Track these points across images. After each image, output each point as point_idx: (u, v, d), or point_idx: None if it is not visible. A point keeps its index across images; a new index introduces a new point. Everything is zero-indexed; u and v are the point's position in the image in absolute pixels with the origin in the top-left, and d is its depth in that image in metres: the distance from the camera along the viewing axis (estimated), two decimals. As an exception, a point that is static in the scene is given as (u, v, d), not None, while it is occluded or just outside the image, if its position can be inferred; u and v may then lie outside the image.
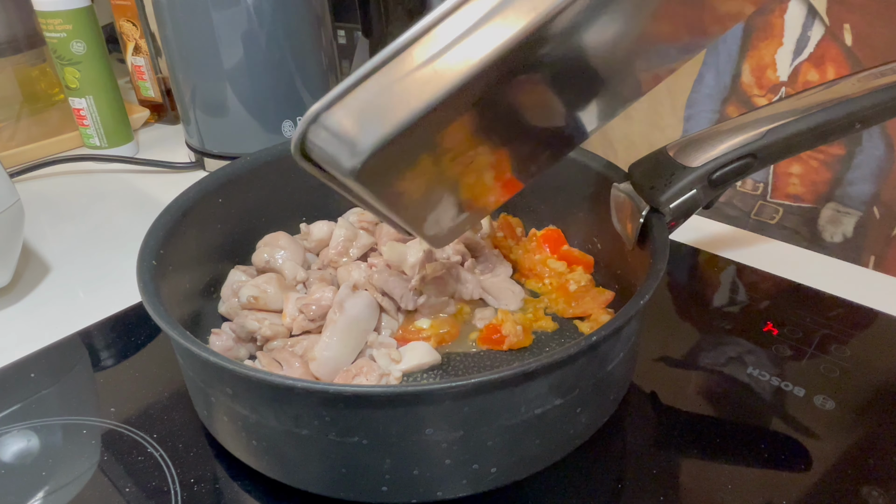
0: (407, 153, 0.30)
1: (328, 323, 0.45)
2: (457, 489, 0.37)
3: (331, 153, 0.30)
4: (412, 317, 0.49)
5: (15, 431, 0.43)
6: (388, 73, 0.29)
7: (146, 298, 0.38)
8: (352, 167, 0.29)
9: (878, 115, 0.41)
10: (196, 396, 0.41)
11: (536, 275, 0.53)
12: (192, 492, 0.39)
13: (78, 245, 0.65)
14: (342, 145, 0.29)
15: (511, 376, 0.32)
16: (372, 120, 0.29)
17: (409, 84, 0.28)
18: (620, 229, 0.46)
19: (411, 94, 0.28)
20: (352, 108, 0.29)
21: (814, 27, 0.56)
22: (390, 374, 0.44)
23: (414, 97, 0.28)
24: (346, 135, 0.29)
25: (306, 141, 0.31)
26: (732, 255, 0.59)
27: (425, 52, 0.28)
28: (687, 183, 0.42)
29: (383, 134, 0.28)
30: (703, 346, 0.49)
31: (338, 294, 0.45)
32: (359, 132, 0.29)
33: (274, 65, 0.70)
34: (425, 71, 0.28)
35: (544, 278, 0.53)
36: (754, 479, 0.39)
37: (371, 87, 0.29)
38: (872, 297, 0.52)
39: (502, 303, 0.51)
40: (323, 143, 0.30)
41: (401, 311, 0.49)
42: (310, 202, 0.58)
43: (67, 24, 0.74)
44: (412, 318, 0.49)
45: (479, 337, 0.48)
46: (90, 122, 0.80)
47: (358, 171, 0.29)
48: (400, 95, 0.28)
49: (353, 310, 0.45)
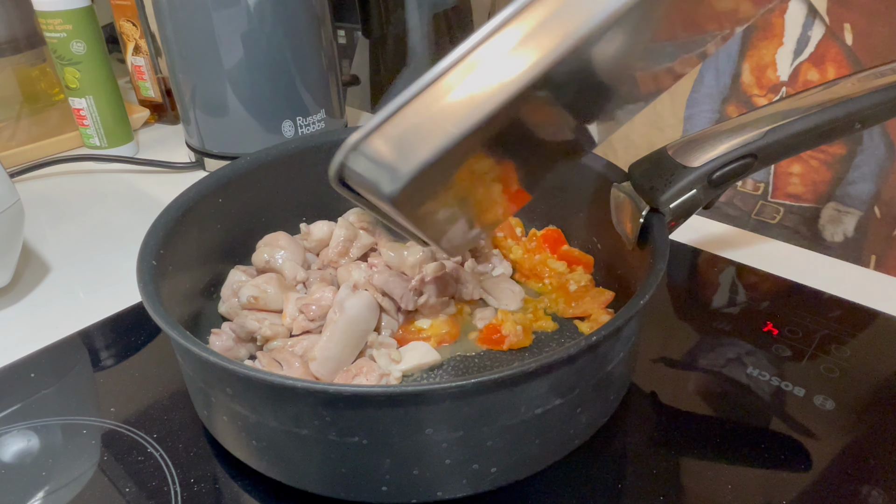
0: (442, 177, 0.31)
1: (328, 323, 0.45)
2: (457, 489, 0.37)
3: (370, 179, 0.31)
4: (412, 317, 0.49)
5: (15, 431, 0.43)
6: (425, 100, 0.29)
7: (146, 298, 0.38)
8: (391, 192, 0.30)
9: (878, 115, 0.41)
10: (196, 396, 0.41)
11: (536, 275, 0.53)
12: (192, 492, 0.39)
13: (78, 245, 0.65)
14: (382, 172, 0.30)
15: (511, 376, 0.32)
16: (411, 147, 0.30)
17: (445, 110, 0.29)
18: (620, 229, 0.46)
19: (448, 120, 0.29)
20: (391, 135, 0.30)
21: (814, 27, 0.55)
22: (390, 374, 0.44)
23: (451, 123, 0.29)
24: (386, 162, 0.30)
25: (345, 168, 0.32)
26: (732, 255, 0.58)
27: (461, 78, 0.29)
28: (687, 183, 0.42)
29: (422, 160, 0.29)
30: (703, 346, 0.49)
31: (338, 294, 0.45)
32: (398, 159, 0.30)
33: (274, 65, 0.70)
34: (461, 97, 0.29)
35: (544, 278, 0.53)
36: (754, 479, 0.39)
37: (409, 114, 0.30)
38: (872, 297, 0.52)
39: (502, 303, 0.51)
40: (363, 170, 0.31)
41: (401, 312, 0.49)
42: (310, 202, 0.58)
43: (67, 24, 0.74)
44: (412, 319, 0.49)
45: (479, 337, 0.48)
46: (90, 122, 0.80)
47: (397, 195, 0.30)
48: (437, 122, 0.29)
49: (353, 310, 0.45)
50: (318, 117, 0.75)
